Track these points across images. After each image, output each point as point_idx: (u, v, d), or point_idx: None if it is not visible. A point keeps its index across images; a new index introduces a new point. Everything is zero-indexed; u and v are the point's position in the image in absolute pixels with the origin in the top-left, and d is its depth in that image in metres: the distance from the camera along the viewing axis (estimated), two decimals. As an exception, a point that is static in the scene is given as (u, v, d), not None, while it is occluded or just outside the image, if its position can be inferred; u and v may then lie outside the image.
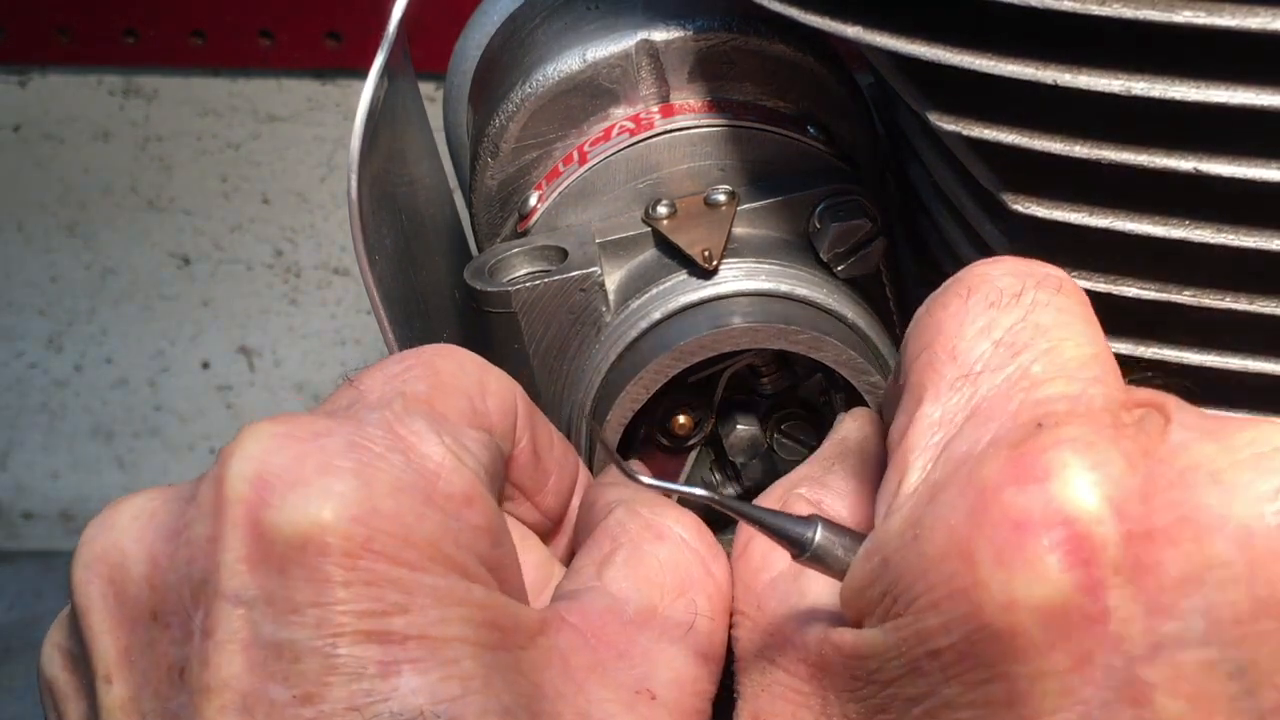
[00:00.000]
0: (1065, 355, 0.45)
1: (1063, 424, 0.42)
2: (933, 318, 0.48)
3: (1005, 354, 0.45)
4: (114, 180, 1.78)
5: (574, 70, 0.70)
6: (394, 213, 0.68)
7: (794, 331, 0.61)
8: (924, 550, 0.42)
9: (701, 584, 0.51)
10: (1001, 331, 0.46)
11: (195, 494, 0.46)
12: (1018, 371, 0.45)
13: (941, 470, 0.44)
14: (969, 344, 0.46)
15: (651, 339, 0.64)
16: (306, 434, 0.45)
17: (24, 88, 1.74)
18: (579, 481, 0.59)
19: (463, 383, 0.51)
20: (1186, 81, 0.52)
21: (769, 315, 0.62)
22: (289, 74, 1.68)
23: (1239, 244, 0.55)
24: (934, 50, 0.55)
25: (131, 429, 1.94)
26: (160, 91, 1.73)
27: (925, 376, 0.47)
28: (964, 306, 0.47)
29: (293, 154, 1.74)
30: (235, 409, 1.91)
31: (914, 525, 0.43)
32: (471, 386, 0.52)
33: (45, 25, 1.66)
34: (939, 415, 0.45)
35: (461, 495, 0.46)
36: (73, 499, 1.98)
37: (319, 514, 0.43)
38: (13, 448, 1.97)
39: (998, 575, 0.40)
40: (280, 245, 1.81)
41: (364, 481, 0.44)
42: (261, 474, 0.44)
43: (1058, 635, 0.40)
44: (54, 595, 1.92)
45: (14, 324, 1.89)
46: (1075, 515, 0.40)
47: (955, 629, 0.41)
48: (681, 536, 0.52)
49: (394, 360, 0.52)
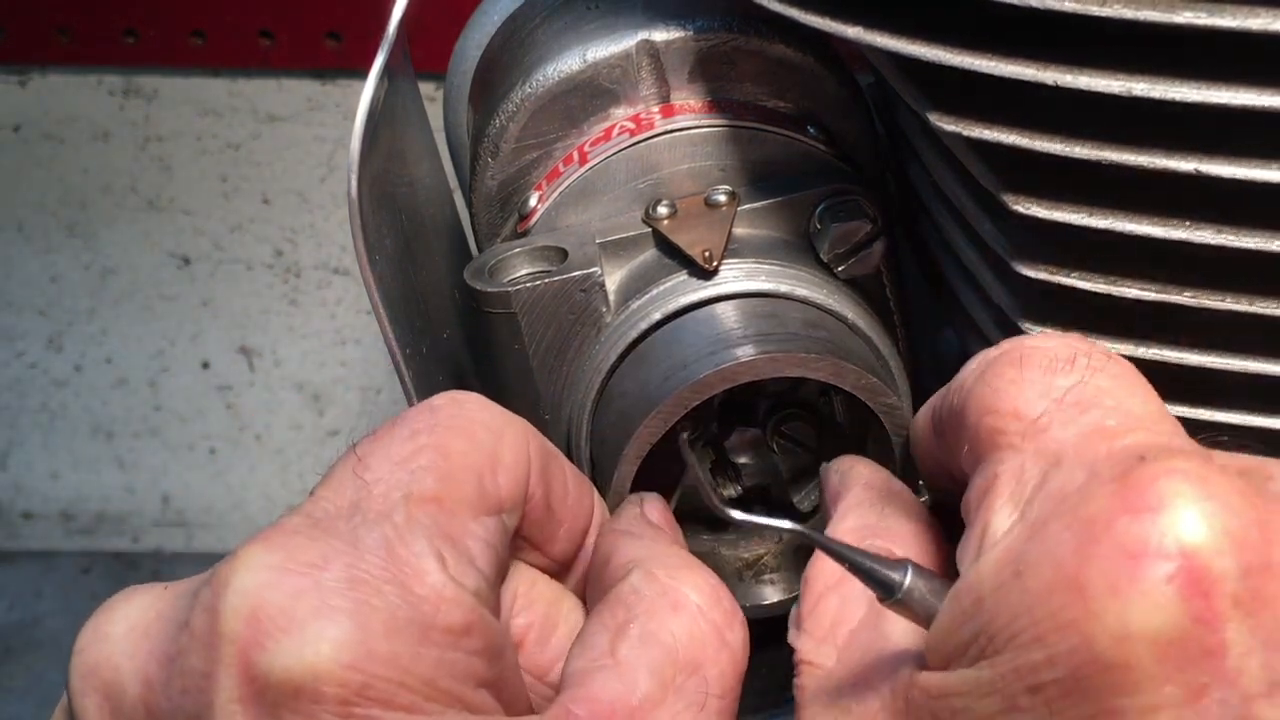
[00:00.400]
0: (1135, 411, 0.45)
1: (1168, 456, 0.41)
2: (989, 386, 0.48)
3: (1072, 411, 0.46)
4: (114, 180, 1.78)
5: (574, 70, 0.70)
6: (394, 213, 0.68)
7: (813, 360, 0.61)
8: (1028, 585, 0.41)
9: (715, 658, 0.50)
10: (1061, 392, 0.46)
11: (189, 620, 0.45)
12: (1092, 425, 0.45)
13: (1040, 509, 0.43)
14: (1030, 404, 0.46)
15: (661, 354, 0.64)
16: (302, 566, 0.44)
17: (24, 88, 1.74)
18: (594, 518, 0.59)
19: (474, 462, 0.50)
20: (1187, 82, 0.52)
21: (787, 339, 0.62)
22: (289, 74, 1.68)
23: (1239, 244, 0.55)
24: (934, 50, 0.55)
25: (131, 429, 1.94)
26: (160, 91, 1.73)
27: (994, 437, 0.47)
28: (1020, 374, 0.48)
29: (293, 154, 1.74)
30: (235, 409, 1.91)
31: (1013, 562, 0.42)
32: (483, 464, 0.51)
33: (45, 25, 1.66)
34: (1017, 466, 0.45)
35: (460, 625, 0.46)
36: (73, 499, 1.98)
37: (314, 660, 0.43)
38: (13, 448, 1.97)
39: (1111, 606, 0.39)
40: (280, 245, 1.81)
41: (359, 624, 0.44)
42: (256, 612, 0.43)
43: (1172, 668, 0.39)
44: (54, 595, 1.92)
45: (14, 324, 1.89)
46: (1193, 545, 0.39)
47: (1062, 662, 0.40)
48: (698, 606, 0.51)
49: (404, 434, 0.51)
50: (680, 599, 0.51)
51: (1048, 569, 0.41)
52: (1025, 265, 0.59)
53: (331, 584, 0.44)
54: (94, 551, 1.99)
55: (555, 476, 0.55)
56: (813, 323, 0.64)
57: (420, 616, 0.45)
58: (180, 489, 1.96)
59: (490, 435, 0.52)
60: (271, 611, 0.43)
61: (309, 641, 0.43)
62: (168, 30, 1.64)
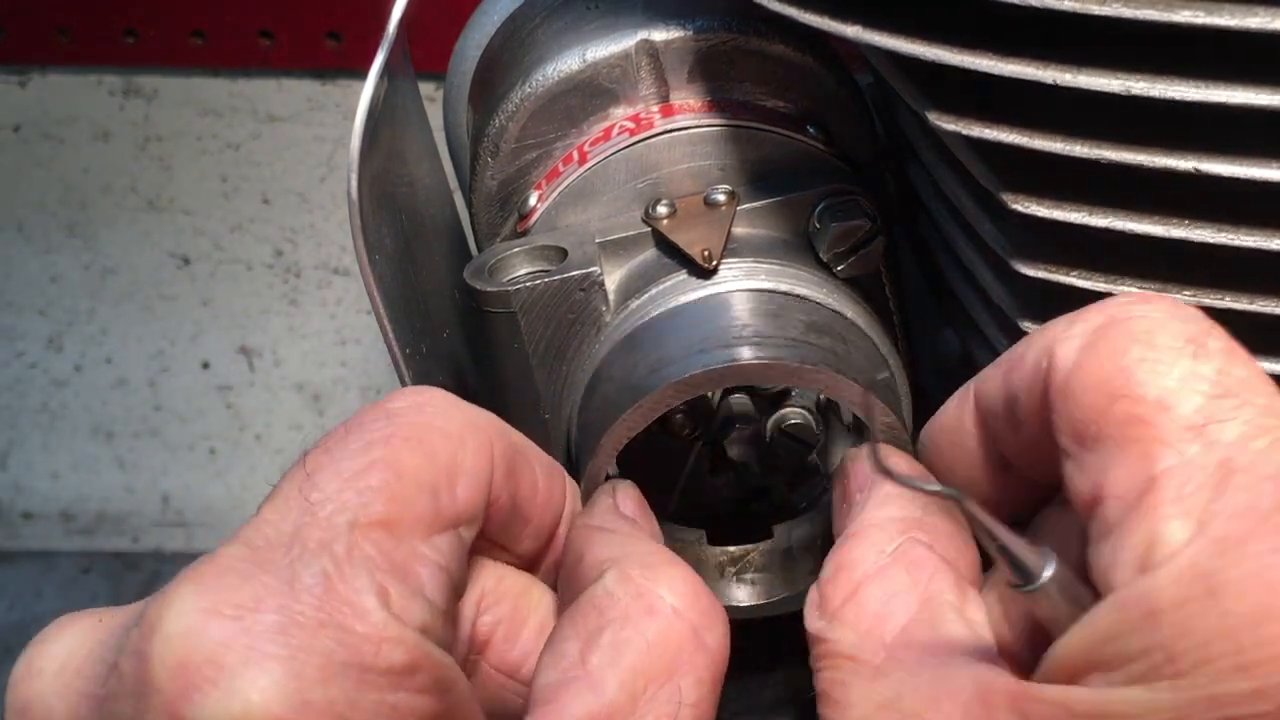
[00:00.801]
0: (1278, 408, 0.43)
1: None
2: (1114, 365, 0.44)
3: (1227, 407, 0.43)
4: (114, 180, 1.78)
5: (574, 70, 0.70)
6: (394, 213, 0.68)
7: (809, 371, 0.58)
8: (1229, 608, 0.39)
9: (691, 662, 0.48)
10: (1206, 384, 0.43)
11: (119, 663, 0.44)
12: (1254, 427, 0.43)
13: (1229, 525, 0.40)
14: (1177, 395, 0.43)
15: (652, 343, 0.63)
16: (233, 609, 0.43)
17: (24, 88, 1.74)
18: (566, 511, 0.57)
19: (429, 477, 0.48)
20: (1186, 81, 0.52)
21: (785, 345, 0.60)
22: (289, 74, 1.68)
23: (1239, 244, 0.55)
24: (934, 50, 0.55)
25: (131, 429, 1.94)
26: (160, 91, 1.73)
27: (1137, 430, 0.43)
28: (1152, 354, 0.44)
29: (293, 154, 1.74)
30: (235, 409, 1.91)
31: (1203, 580, 0.39)
32: (439, 478, 0.49)
33: (45, 25, 1.66)
34: (1180, 469, 0.42)
35: (403, 665, 0.44)
36: (73, 499, 1.98)
37: (243, 712, 0.41)
38: (13, 448, 1.97)
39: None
40: (280, 245, 1.81)
41: (293, 671, 0.42)
42: (184, 661, 0.42)
43: None
44: (54, 595, 1.92)
45: (14, 324, 1.89)
46: None
47: (1274, 697, 0.38)
48: (674, 608, 0.49)
49: (356, 445, 0.48)
50: (655, 602, 0.49)
51: (1256, 594, 0.39)
52: (1025, 265, 0.59)
53: (263, 628, 0.42)
54: (94, 551, 1.99)
55: (523, 476, 0.54)
56: (817, 327, 0.63)
57: (359, 659, 0.43)
58: (180, 489, 1.96)
59: (449, 443, 0.50)
60: (199, 660, 0.42)
61: (238, 692, 0.41)
62: (168, 30, 1.64)
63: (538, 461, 0.55)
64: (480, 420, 0.52)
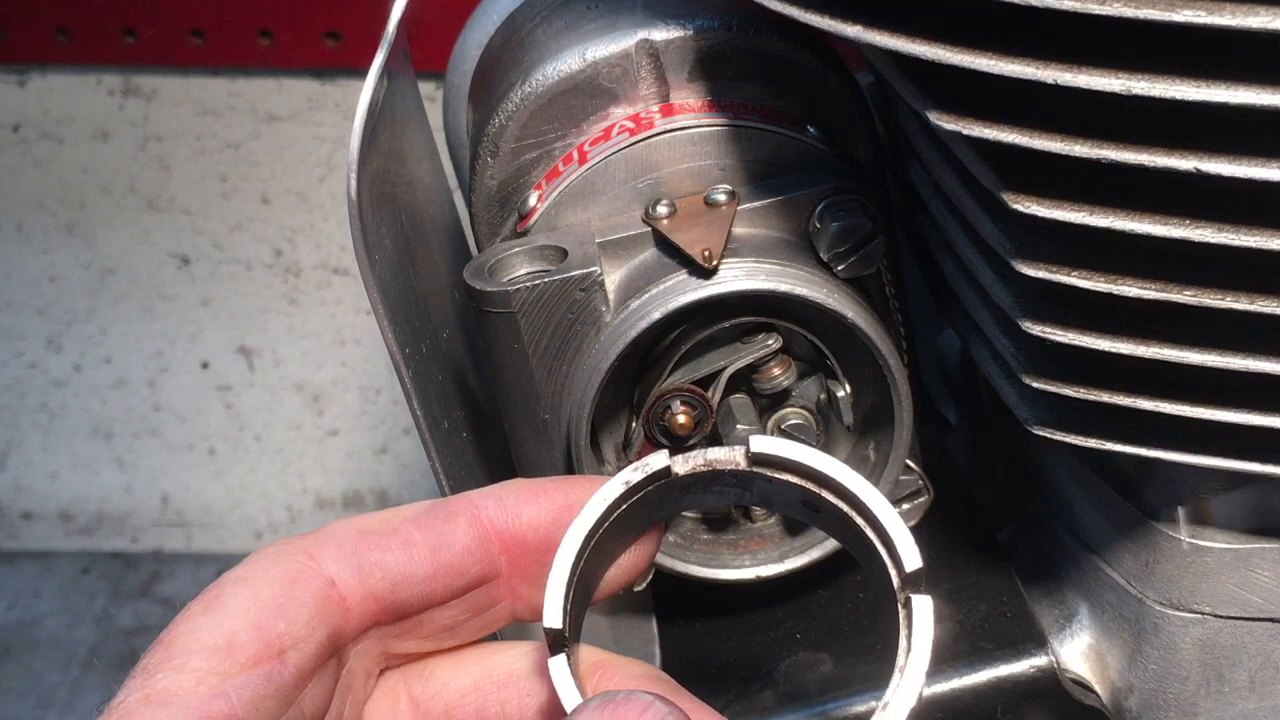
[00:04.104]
0: None
1: None
2: None
3: None
4: (114, 180, 1.78)
5: (574, 70, 0.70)
6: (394, 213, 0.68)
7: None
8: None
9: None
10: None
11: None
12: None
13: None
14: None
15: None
16: None
17: (24, 88, 1.74)
18: (464, 544, 0.54)
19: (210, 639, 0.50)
20: (1186, 81, 0.52)
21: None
22: (289, 74, 1.68)
23: (1239, 244, 0.55)
24: (934, 50, 0.55)
25: (131, 429, 1.94)
26: (160, 91, 1.73)
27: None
28: None
29: (292, 154, 1.74)
30: (235, 409, 1.91)
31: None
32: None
33: (45, 25, 1.66)
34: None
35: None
36: (72, 499, 1.98)
37: None
38: (12, 448, 1.97)
39: None
40: (280, 245, 1.81)
41: None
42: None
43: None
44: (53, 595, 1.92)
45: (13, 324, 1.89)
46: None
47: None
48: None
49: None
50: None
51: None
52: (1025, 264, 0.59)
53: None
54: (93, 551, 1.99)
55: (371, 567, 0.53)
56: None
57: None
58: (180, 489, 1.96)
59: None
60: None
61: None
62: (167, 30, 1.64)
63: (396, 540, 0.54)
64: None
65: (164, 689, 0.47)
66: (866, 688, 0.71)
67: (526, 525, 0.54)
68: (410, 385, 0.63)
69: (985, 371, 0.68)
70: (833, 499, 0.51)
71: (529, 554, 0.54)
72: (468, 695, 0.55)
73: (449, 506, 0.54)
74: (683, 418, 0.67)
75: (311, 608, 0.51)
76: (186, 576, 1.94)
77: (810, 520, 0.54)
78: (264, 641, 0.49)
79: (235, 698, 0.48)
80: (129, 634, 1.86)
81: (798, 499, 0.53)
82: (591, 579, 0.54)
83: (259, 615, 0.50)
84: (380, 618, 0.53)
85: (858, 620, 0.76)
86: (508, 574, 0.54)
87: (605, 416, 0.70)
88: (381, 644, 0.54)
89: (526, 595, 0.55)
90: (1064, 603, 0.75)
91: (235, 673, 0.48)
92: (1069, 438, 0.63)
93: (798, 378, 0.70)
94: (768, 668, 0.74)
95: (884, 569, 0.50)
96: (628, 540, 0.55)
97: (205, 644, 0.49)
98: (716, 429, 0.69)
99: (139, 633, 1.86)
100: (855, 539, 0.52)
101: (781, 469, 0.52)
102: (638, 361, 0.68)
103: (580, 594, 0.52)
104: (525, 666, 0.55)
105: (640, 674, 0.54)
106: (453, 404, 0.72)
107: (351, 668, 0.53)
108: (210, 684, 0.48)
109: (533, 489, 0.55)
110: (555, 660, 0.50)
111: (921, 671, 0.48)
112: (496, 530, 0.54)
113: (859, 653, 0.74)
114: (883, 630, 0.51)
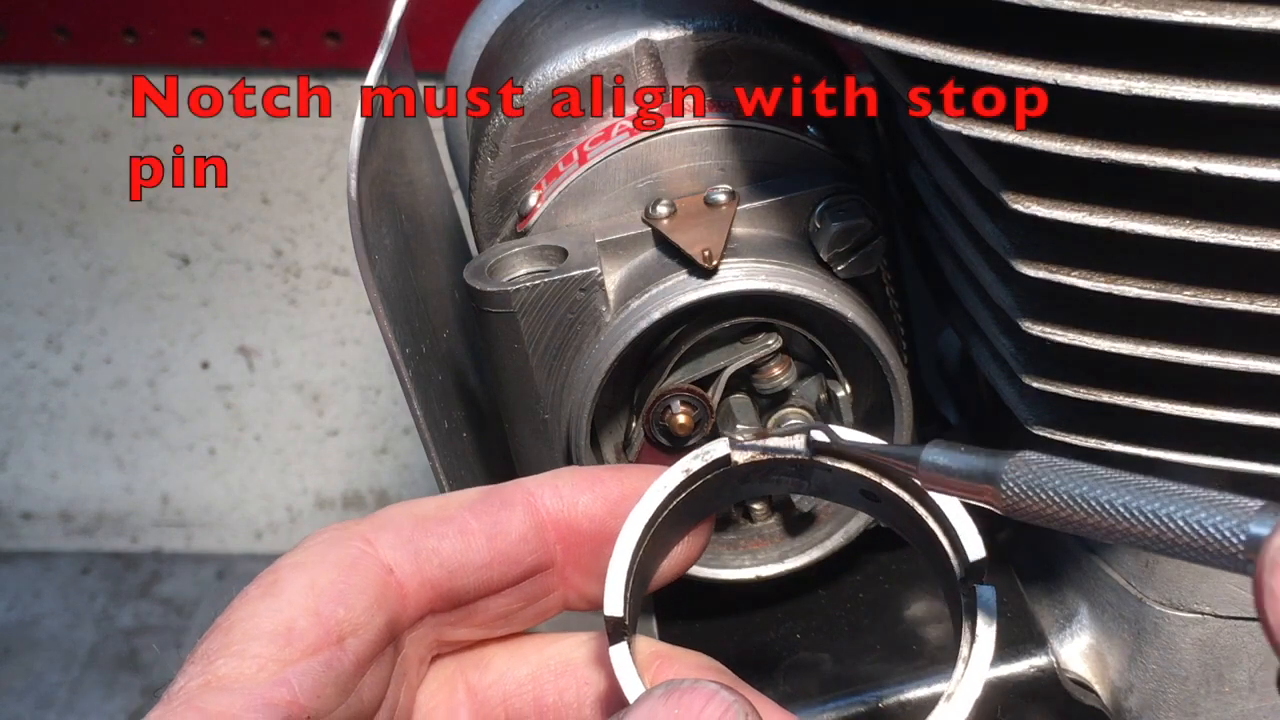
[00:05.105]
0: None
1: None
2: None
3: None
4: (114, 180, 1.78)
5: (574, 70, 0.70)
6: (394, 213, 0.68)
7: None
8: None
9: None
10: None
11: None
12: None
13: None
14: None
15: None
16: None
17: (24, 88, 1.74)
18: (515, 534, 0.55)
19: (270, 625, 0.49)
20: (1186, 81, 0.52)
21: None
22: (289, 74, 1.68)
23: (1239, 244, 0.55)
24: (934, 50, 0.55)
25: (131, 429, 1.94)
26: (159, 91, 1.73)
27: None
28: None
29: (292, 154, 1.74)
30: (235, 409, 1.91)
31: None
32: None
33: (45, 25, 1.66)
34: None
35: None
36: (72, 499, 1.98)
37: None
38: (12, 448, 1.97)
39: None
40: (280, 245, 1.81)
41: None
42: None
43: None
44: (53, 595, 1.92)
45: (13, 324, 1.89)
46: None
47: None
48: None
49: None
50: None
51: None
52: (1026, 264, 0.59)
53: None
54: (93, 551, 1.99)
55: (427, 553, 0.53)
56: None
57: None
58: (180, 489, 1.96)
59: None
60: None
61: None
62: (167, 30, 1.64)
63: (456, 520, 0.54)
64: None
65: (224, 675, 0.47)
66: (867, 687, 0.72)
67: (582, 514, 0.54)
68: (410, 385, 0.63)
69: (985, 371, 0.68)
70: (893, 488, 0.51)
71: (583, 543, 0.54)
72: (525, 684, 0.55)
73: (504, 494, 0.54)
74: (683, 418, 0.67)
75: (370, 594, 0.50)
76: (186, 576, 1.94)
77: (867, 510, 0.54)
78: (324, 628, 0.49)
79: (297, 685, 0.48)
80: (129, 634, 1.86)
81: (857, 489, 0.52)
82: (649, 568, 0.54)
83: (317, 601, 0.49)
84: (436, 605, 0.53)
85: (858, 620, 0.76)
86: (561, 563, 0.54)
87: (605, 416, 0.70)
88: (435, 631, 0.54)
89: (579, 584, 0.55)
90: (1064, 603, 0.75)
91: (295, 659, 0.48)
92: (1069, 438, 0.63)
93: (798, 378, 0.70)
94: (768, 668, 0.74)
95: (945, 558, 0.50)
96: (684, 530, 0.55)
97: (265, 630, 0.48)
98: (716, 429, 0.69)
99: (139, 633, 1.86)
100: (916, 528, 0.51)
101: (842, 458, 0.52)
102: (638, 361, 0.68)
103: (639, 583, 0.52)
104: (583, 655, 0.55)
105: (700, 664, 0.54)
106: (453, 404, 0.72)
107: (406, 655, 0.53)
108: (271, 670, 0.47)
109: (589, 477, 0.55)
110: (616, 649, 0.50)
111: (986, 661, 0.48)
112: (552, 519, 0.54)
113: (859, 653, 0.74)
114: (883, 630, 0.50)
